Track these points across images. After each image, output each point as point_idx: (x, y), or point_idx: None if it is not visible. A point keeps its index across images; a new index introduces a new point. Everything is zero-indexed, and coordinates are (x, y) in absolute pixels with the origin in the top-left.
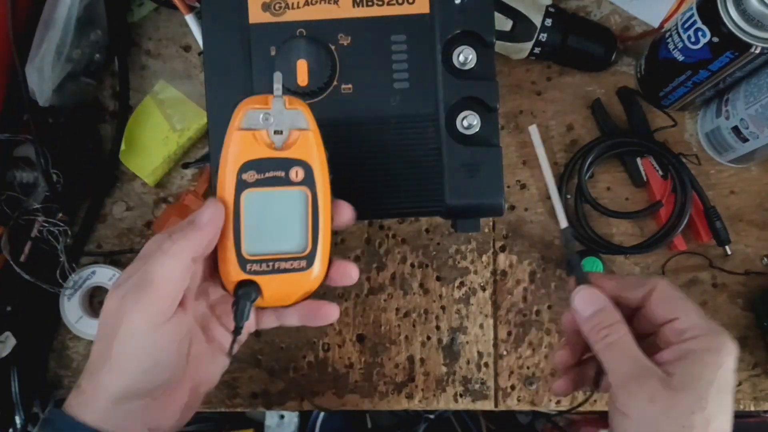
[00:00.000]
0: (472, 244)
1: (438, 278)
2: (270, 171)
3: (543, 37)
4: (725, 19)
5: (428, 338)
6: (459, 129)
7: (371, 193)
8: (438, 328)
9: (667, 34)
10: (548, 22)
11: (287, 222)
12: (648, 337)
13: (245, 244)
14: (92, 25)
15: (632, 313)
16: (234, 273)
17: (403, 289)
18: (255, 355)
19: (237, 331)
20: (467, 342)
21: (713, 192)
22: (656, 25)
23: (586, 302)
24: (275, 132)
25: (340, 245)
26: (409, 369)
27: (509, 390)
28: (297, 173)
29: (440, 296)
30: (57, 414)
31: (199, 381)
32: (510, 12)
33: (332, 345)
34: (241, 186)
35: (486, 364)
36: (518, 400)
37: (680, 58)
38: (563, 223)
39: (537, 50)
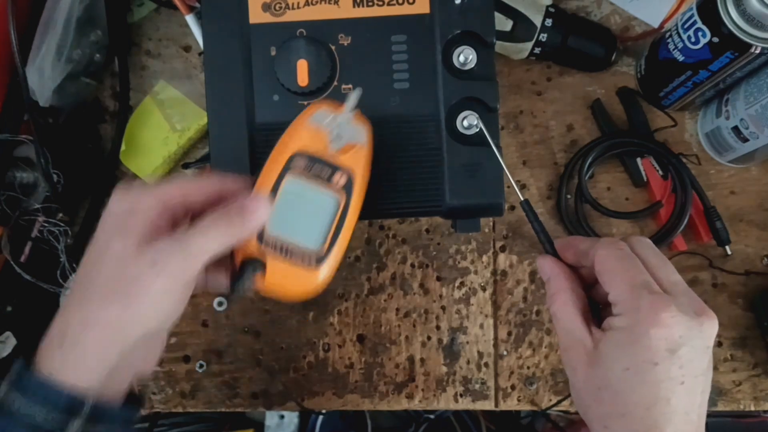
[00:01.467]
0: (472, 245)
1: (438, 278)
2: (317, 167)
3: (543, 37)
4: (725, 20)
5: (428, 338)
6: (459, 129)
7: (371, 193)
8: (438, 328)
9: (667, 35)
10: (548, 22)
11: (314, 219)
12: None
13: (269, 222)
14: (92, 25)
15: None
16: (250, 243)
17: (403, 289)
18: (255, 356)
19: (232, 297)
20: (467, 342)
21: (713, 192)
22: (656, 25)
23: (541, 271)
24: (335, 136)
25: None
26: (409, 369)
27: (509, 390)
28: (340, 179)
29: (440, 296)
30: (35, 381)
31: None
32: (510, 12)
33: (332, 345)
34: (287, 170)
35: (486, 364)
36: (518, 400)
37: (680, 58)
38: (521, 196)
39: (537, 50)
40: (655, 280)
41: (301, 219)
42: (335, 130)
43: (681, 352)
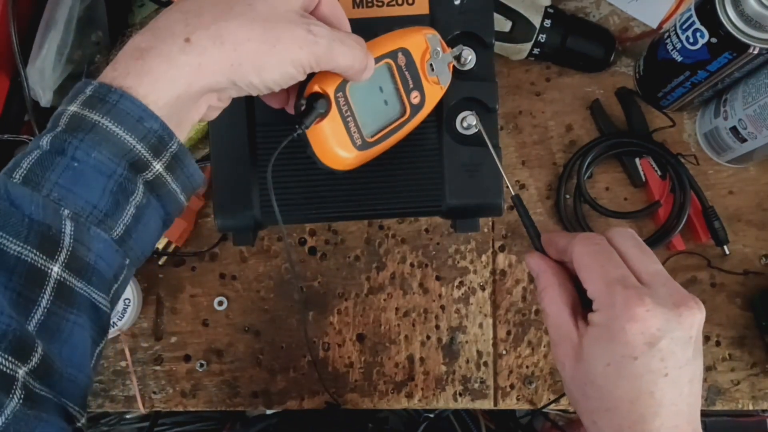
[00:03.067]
0: (471, 244)
1: (437, 278)
2: (410, 73)
3: (542, 38)
4: (723, 20)
5: (428, 338)
6: (458, 129)
7: (371, 193)
8: (437, 327)
9: (666, 35)
10: (547, 23)
11: (378, 111)
12: None
13: (351, 84)
14: (93, 26)
15: None
16: (331, 83)
17: (403, 288)
18: (255, 355)
19: (299, 126)
20: (467, 341)
21: (711, 192)
22: (655, 26)
23: (530, 268)
24: (432, 64)
25: (339, 245)
26: (408, 368)
27: (508, 389)
28: (416, 97)
29: (440, 296)
30: (125, 101)
31: None
32: (509, 13)
33: (332, 344)
34: (390, 56)
35: (485, 364)
36: (517, 399)
37: (679, 58)
38: (512, 191)
39: (536, 51)
40: (634, 272)
41: (371, 102)
42: (434, 59)
43: (661, 344)
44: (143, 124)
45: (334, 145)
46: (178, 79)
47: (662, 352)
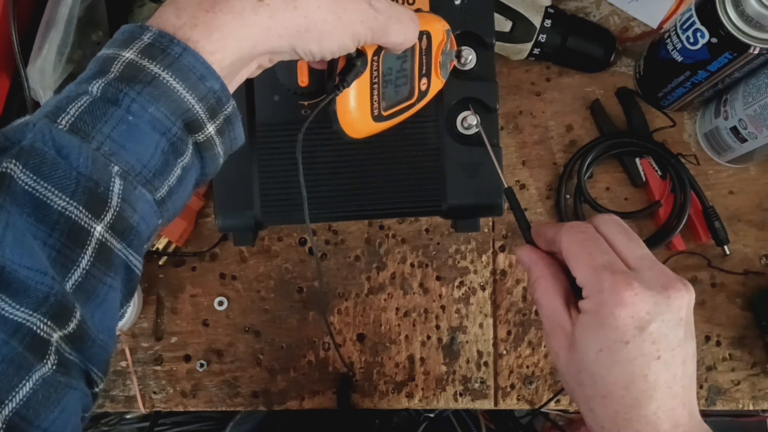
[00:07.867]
0: (471, 244)
1: (438, 278)
2: (427, 58)
3: (542, 38)
4: (724, 20)
5: (428, 338)
6: (459, 129)
7: (371, 193)
8: (438, 327)
9: (666, 35)
10: (547, 23)
11: (397, 87)
12: None
13: (386, 54)
14: (93, 25)
15: None
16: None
17: (403, 288)
18: (255, 355)
19: (340, 84)
20: (467, 341)
21: (712, 192)
22: (655, 25)
23: (521, 261)
24: (441, 57)
25: (339, 245)
26: (409, 368)
27: (509, 389)
28: (424, 84)
29: (440, 296)
30: (185, 50)
31: None
32: (509, 13)
33: (332, 344)
34: (419, 36)
35: (486, 364)
36: (518, 400)
37: (679, 58)
38: (505, 183)
39: (536, 51)
40: (621, 258)
41: (394, 76)
42: (444, 53)
43: (651, 328)
44: (205, 83)
45: (356, 108)
46: (246, 39)
47: (653, 335)
